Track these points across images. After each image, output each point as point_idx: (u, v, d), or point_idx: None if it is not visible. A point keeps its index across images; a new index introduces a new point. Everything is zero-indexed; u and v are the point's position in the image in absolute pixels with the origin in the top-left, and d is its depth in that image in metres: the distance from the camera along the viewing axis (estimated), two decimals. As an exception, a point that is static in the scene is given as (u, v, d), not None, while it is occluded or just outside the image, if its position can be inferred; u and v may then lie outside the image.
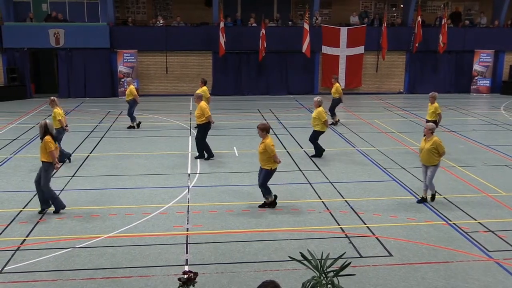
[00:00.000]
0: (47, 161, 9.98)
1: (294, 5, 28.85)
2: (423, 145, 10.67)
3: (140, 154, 14.73)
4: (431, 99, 14.79)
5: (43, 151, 9.97)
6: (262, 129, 10.33)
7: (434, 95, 14.85)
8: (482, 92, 27.56)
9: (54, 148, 10.01)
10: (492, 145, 15.96)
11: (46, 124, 10.14)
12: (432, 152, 10.48)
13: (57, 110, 13.43)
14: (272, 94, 26.38)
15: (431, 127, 10.71)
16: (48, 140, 9.94)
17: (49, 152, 9.91)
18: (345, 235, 9.27)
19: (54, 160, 10.00)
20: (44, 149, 9.95)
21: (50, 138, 10.00)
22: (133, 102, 17.87)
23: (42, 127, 10.08)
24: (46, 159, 9.97)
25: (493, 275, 7.86)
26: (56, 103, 13.55)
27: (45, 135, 10.02)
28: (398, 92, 27.70)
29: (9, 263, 8.13)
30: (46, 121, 10.24)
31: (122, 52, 25.16)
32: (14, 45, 24.53)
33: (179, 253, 8.52)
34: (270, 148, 10.10)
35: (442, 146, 10.55)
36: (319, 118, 14.04)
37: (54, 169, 10.21)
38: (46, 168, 10.01)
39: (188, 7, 27.24)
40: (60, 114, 13.43)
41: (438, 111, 14.58)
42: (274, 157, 10.19)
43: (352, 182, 12.28)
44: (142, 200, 10.97)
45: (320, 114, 14.05)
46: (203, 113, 13.84)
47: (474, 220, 10.00)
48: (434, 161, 10.59)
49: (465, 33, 27.17)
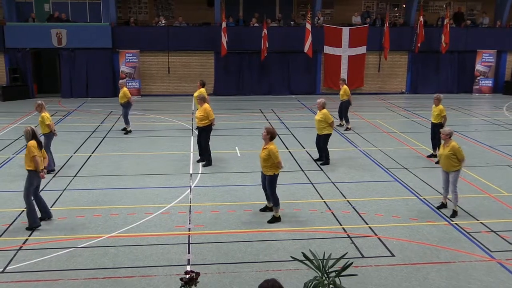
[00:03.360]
0: (31, 169, 9.37)
1: (296, 5, 28.84)
2: (442, 151, 10.32)
3: (142, 154, 14.73)
4: (436, 101, 14.09)
5: (27, 157, 9.36)
6: (269, 132, 9.78)
7: (439, 97, 14.12)
8: (485, 92, 27.51)
9: (38, 154, 9.34)
10: (495, 146, 15.93)
11: (33, 129, 9.52)
12: (450, 158, 10.03)
13: (45, 114, 12.78)
14: (274, 94, 26.37)
15: (448, 132, 10.21)
16: (32, 145, 9.34)
17: (33, 157, 9.28)
18: (347, 235, 9.26)
19: (38, 168, 9.35)
20: (27, 155, 9.34)
21: (35, 144, 9.39)
22: (128, 104, 17.32)
23: (30, 133, 9.43)
24: (29, 167, 9.36)
25: (495, 275, 7.85)
26: (44, 107, 12.93)
27: (31, 139, 9.41)
28: (400, 92, 27.68)
29: (11, 262, 8.14)
30: (32, 127, 9.58)
31: (124, 52, 25.17)
32: (17, 45, 24.56)
33: (181, 253, 8.53)
34: (275, 155, 9.63)
35: (461, 152, 10.05)
36: (325, 120, 13.44)
37: (39, 178, 9.54)
38: (30, 177, 9.41)
39: (190, 7, 27.26)
40: (48, 118, 12.80)
41: (443, 114, 13.95)
42: (278, 164, 9.74)
43: (354, 182, 12.27)
44: (144, 200, 10.97)
45: (326, 115, 13.43)
46: (208, 116, 13.29)
47: (476, 220, 9.98)
48: (453, 167, 10.10)
49: (467, 33, 27.14)
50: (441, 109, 14.04)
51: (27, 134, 9.47)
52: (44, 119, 12.67)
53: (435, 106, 14.15)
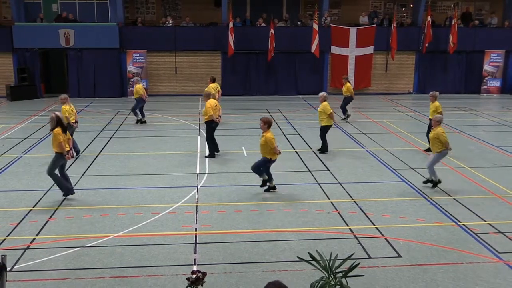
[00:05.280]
0: (57, 152, 10.48)
1: (303, 5, 28.82)
2: (430, 134, 11.95)
3: (149, 154, 14.77)
4: (432, 98, 14.82)
5: (53, 143, 10.48)
6: (265, 122, 11.03)
7: (435, 94, 14.90)
8: (493, 93, 27.38)
9: (63, 140, 10.39)
10: (503, 146, 15.85)
11: (58, 116, 10.56)
12: (434, 141, 11.50)
13: (65, 106, 13.90)
14: (281, 94, 26.36)
15: (438, 119, 11.75)
16: (57, 132, 10.38)
17: (58, 144, 10.38)
18: (353, 236, 9.24)
19: (64, 151, 10.45)
20: (54, 141, 10.45)
21: (60, 130, 10.43)
22: (140, 100, 18.46)
23: (54, 120, 10.45)
24: (56, 150, 10.49)
25: (503, 277, 7.80)
26: (67, 100, 14.15)
27: (56, 127, 10.43)
28: (408, 92, 27.59)
29: (19, 261, 8.18)
30: (57, 113, 10.64)
31: (132, 52, 25.27)
32: (25, 45, 24.72)
33: (188, 253, 8.54)
34: (271, 141, 10.83)
35: (443, 136, 11.36)
36: (325, 112, 14.36)
37: (65, 160, 10.64)
38: (56, 158, 10.53)
39: (197, 8, 27.30)
40: (67, 111, 13.73)
41: (439, 110, 14.36)
42: (274, 149, 10.89)
43: (361, 183, 12.24)
44: (151, 200, 11.00)
45: (325, 107, 14.40)
46: (206, 112, 14.24)
47: (484, 221, 9.93)
48: (436, 149, 11.52)
49: (475, 33, 27.01)
50: (437, 106, 14.61)
51: (52, 121, 10.49)
52: (63, 111, 13.50)
53: (432, 103, 14.86)
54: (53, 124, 10.48)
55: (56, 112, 10.77)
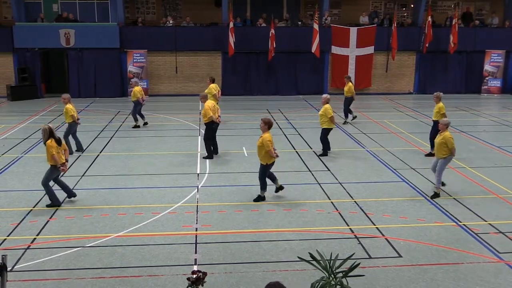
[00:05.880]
0: (51, 164, 10.32)
1: (303, 5, 28.81)
2: (436, 138, 11.28)
3: (150, 154, 14.78)
4: (436, 99, 14.48)
5: (47, 155, 10.30)
6: (266, 122, 10.70)
7: (439, 95, 14.54)
8: (493, 93, 27.37)
9: (55, 152, 10.18)
10: (503, 146, 15.84)
11: (50, 127, 10.39)
12: (441, 146, 10.99)
13: (69, 105, 14.29)
14: (281, 94, 26.36)
15: (445, 122, 11.22)
16: (50, 145, 10.19)
17: (51, 156, 10.19)
18: (354, 236, 9.24)
19: (58, 163, 10.27)
20: (47, 153, 10.27)
21: (52, 142, 10.23)
22: (137, 102, 18.26)
23: (47, 131, 10.26)
24: (50, 162, 10.33)
25: (503, 277, 7.80)
26: (69, 100, 14.48)
27: (49, 139, 10.24)
28: (408, 92, 27.58)
29: (20, 261, 8.19)
30: (49, 125, 10.49)
31: (132, 52, 25.26)
32: (25, 45, 24.72)
33: (188, 253, 8.54)
34: (266, 143, 10.45)
35: (451, 141, 10.91)
36: (325, 115, 14.20)
37: (59, 172, 10.49)
38: (50, 171, 10.40)
39: (197, 8, 27.29)
40: (72, 109, 14.28)
41: (442, 111, 14.15)
42: (269, 152, 10.51)
43: (361, 183, 12.24)
44: (151, 200, 11.00)
45: (327, 110, 14.20)
46: (204, 114, 14.22)
47: (484, 221, 9.93)
48: (442, 155, 11.01)
49: (475, 33, 26.99)
50: (440, 107, 14.40)
51: (44, 132, 10.29)
52: (68, 110, 14.20)
53: (436, 104, 14.59)
54: (45, 136, 10.26)
55: (49, 124, 10.69)
